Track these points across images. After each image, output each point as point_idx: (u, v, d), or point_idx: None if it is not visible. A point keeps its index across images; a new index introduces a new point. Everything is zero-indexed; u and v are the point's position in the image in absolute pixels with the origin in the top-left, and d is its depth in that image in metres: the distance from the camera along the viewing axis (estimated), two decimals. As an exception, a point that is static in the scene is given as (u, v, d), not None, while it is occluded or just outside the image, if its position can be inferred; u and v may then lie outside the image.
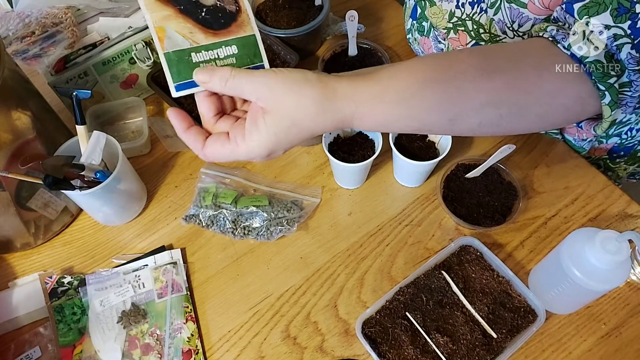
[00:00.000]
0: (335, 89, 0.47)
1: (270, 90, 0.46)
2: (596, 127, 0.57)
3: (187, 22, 0.49)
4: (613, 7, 0.48)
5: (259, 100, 0.47)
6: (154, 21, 0.48)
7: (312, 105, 0.47)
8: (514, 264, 0.72)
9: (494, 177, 0.77)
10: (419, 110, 0.49)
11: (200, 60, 0.49)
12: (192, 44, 0.49)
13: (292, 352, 0.67)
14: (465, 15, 0.73)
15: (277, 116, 0.47)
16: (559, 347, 0.65)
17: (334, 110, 0.48)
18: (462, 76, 0.49)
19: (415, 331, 0.65)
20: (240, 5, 0.51)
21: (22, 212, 0.72)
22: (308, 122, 0.47)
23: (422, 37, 0.85)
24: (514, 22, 0.64)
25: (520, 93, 0.50)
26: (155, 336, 0.67)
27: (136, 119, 0.90)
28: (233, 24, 0.50)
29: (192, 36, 0.49)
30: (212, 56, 0.49)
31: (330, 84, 0.47)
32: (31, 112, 0.70)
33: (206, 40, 0.49)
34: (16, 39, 0.80)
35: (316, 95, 0.47)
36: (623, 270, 0.56)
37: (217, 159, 0.50)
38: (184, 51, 0.48)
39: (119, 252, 0.76)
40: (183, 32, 0.48)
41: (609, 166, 0.86)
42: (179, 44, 0.48)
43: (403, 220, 0.77)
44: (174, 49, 0.48)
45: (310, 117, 0.47)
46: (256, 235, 0.75)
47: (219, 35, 0.50)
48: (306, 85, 0.47)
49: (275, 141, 0.48)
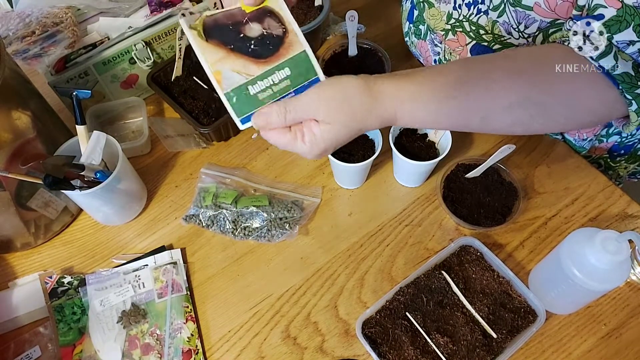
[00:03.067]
0: (381, 92, 0.52)
1: (326, 108, 0.51)
2: (624, 126, 0.59)
3: (239, 59, 0.51)
4: (636, 24, 0.49)
5: (318, 118, 0.52)
6: (210, 65, 0.51)
7: (363, 111, 0.52)
8: (514, 265, 0.72)
9: (494, 177, 0.77)
10: (452, 110, 0.53)
11: (257, 91, 0.52)
12: (247, 77, 0.52)
13: (292, 352, 0.67)
14: (462, 16, 0.73)
15: (334, 127, 0.52)
16: (559, 348, 0.65)
17: (382, 110, 0.52)
18: (490, 77, 0.53)
19: (415, 331, 0.65)
20: (286, 27, 0.52)
21: (22, 211, 0.72)
22: (358, 124, 0.53)
23: (419, 40, 0.85)
24: (520, 23, 0.65)
25: (545, 94, 0.53)
26: (155, 336, 0.67)
27: (136, 119, 0.90)
28: (281, 47, 0.52)
29: (246, 70, 0.51)
30: (268, 84, 0.52)
31: (376, 87, 0.52)
32: (31, 112, 0.70)
33: (259, 70, 0.52)
34: (16, 38, 0.80)
35: (365, 100, 0.52)
36: (623, 270, 0.56)
37: (275, 142, 0.55)
38: (241, 87, 0.52)
39: (119, 252, 0.76)
40: (237, 68, 0.51)
41: (610, 165, 0.86)
42: (235, 81, 0.51)
43: (403, 220, 0.77)
44: (232, 87, 0.52)
45: (361, 120, 0.52)
46: (257, 237, 0.75)
47: (270, 62, 0.52)
48: (355, 92, 0.52)
49: (329, 145, 0.53)
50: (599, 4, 0.52)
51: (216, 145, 0.87)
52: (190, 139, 0.87)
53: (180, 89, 0.88)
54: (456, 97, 0.53)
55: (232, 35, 0.51)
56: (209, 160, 0.85)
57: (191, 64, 0.90)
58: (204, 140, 0.87)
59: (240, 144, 0.87)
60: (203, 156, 0.86)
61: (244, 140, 0.87)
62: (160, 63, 0.89)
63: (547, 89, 0.53)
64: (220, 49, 0.51)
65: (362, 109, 0.52)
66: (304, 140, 0.53)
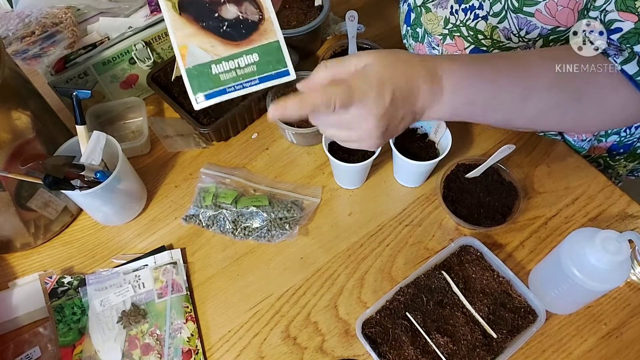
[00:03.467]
0: (425, 54, 0.53)
1: (377, 52, 0.51)
2: None
3: (209, 38, 0.51)
4: None
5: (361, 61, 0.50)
6: (177, 39, 0.50)
7: (417, 65, 0.51)
8: (514, 264, 0.72)
9: (494, 177, 0.77)
10: (493, 74, 0.53)
11: (220, 72, 0.51)
12: (213, 57, 0.51)
13: (292, 352, 0.67)
14: (459, 21, 0.73)
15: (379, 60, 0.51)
16: (560, 348, 0.65)
17: (431, 65, 0.52)
18: (528, 57, 0.56)
19: (415, 331, 0.65)
20: (263, 14, 0.52)
21: (22, 212, 0.72)
22: (405, 65, 0.51)
23: (417, 43, 0.86)
24: (521, 29, 0.65)
25: (578, 80, 0.54)
26: (155, 336, 0.67)
27: (136, 119, 0.90)
28: (255, 32, 0.52)
29: (214, 49, 0.51)
30: (233, 66, 0.51)
31: (420, 56, 0.53)
32: (31, 112, 0.70)
33: (227, 52, 0.51)
34: (16, 39, 0.80)
35: (414, 57, 0.52)
36: (623, 270, 0.56)
37: (314, 102, 0.49)
38: (205, 65, 0.51)
39: (119, 252, 0.76)
40: (204, 46, 0.51)
41: (609, 164, 0.86)
42: (200, 58, 0.51)
43: (403, 220, 0.77)
44: (194, 64, 0.50)
45: (408, 61, 0.51)
46: (257, 237, 0.75)
47: (240, 46, 0.51)
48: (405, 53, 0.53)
49: (379, 78, 0.50)
50: (614, 19, 0.52)
51: (216, 145, 0.87)
52: (190, 139, 0.87)
53: (180, 89, 0.88)
54: (495, 64, 0.54)
55: (207, 13, 0.51)
56: (209, 160, 0.85)
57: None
58: (204, 140, 0.87)
59: (240, 144, 0.87)
60: (203, 156, 0.86)
61: (243, 140, 0.87)
62: (160, 63, 0.89)
63: (578, 76, 0.53)
64: (192, 24, 0.51)
65: (413, 61, 0.52)
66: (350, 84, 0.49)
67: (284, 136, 0.87)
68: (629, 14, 0.51)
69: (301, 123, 0.83)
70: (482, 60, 0.54)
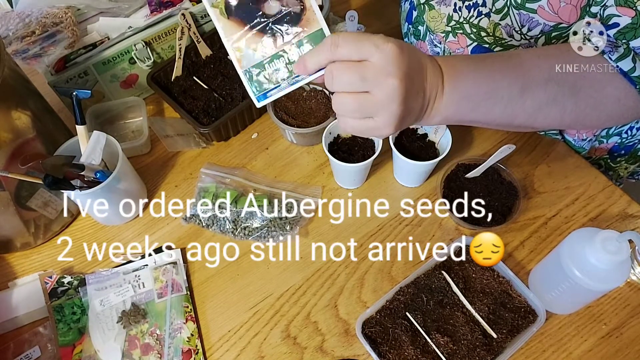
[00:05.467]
0: (429, 56, 0.52)
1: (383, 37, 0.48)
2: None
3: (258, 37, 0.52)
4: None
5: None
6: (231, 43, 0.52)
7: (429, 60, 0.51)
8: (514, 264, 0.72)
9: (494, 177, 0.77)
10: (491, 71, 0.54)
11: (273, 70, 0.53)
12: (264, 55, 0.52)
13: (292, 352, 0.67)
14: (462, 19, 0.73)
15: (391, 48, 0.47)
16: (560, 348, 0.65)
17: (431, 58, 0.52)
18: (522, 55, 0.56)
19: (415, 331, 0.65)
20: (304, 3, 0.52)
21: (22, 211, 0.72)
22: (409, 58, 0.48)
23: (418, 41, 0.86)
24: (523, 26, 0.65)
25: (574, 76, 0.54)
26: (155, 336, 0.67)
27: (136, 119, 0.90)
28: (299, 24, 0.52)
29: (264, 49, 0.52)
30: (284, 62, 0.53)
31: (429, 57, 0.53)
32: (31, 112, 0.70)
33: (276, 49, 0.52)
34: (16, 38, 0.80)
35: (421, 55, 0.51)
36: (623, 270, 0.56)
37: (338, 74, 0.48)
38: (258, 65, 0.52)
39: (119, 252, 0.76)
40: (255, 47, 0.52)
41: (610, 166, 0.86)
42: (253, 59, 0.52)
43: (403, 220, 0.77)
44: (250, 66, 0.53)
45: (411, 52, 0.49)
46: (257, 237, 0.75)
47: (288, 41, 0.52)
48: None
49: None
50: (612, 13, 0.52)
51: (216, 145, 0.87)
52: (190, 139, 0.87)
53: (180, 88, 0.88)
54: (494, 62, 0.55)
55: (252, 13, 0.52)
56: (209, 160, 0.85)
57: (191, 64, 0.90)
58: (204, 140, 0.87)
59: (240, 143, 0.87)
60: (203, 156, 0.86)
61: (243, 140, 0.87)
62: (160, 63, 0.89)
63: (573, 72, 0.54)
64: (240, 26, 0.52)
65: (422, 59, 0.51)
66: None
67: (284, 136, 0.87)
68: (627, 9, 0.51)
69: (301, 123, 0.83)
70: (478, 59, 0.55)
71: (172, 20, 0.88)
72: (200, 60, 0.91)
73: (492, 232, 0.72)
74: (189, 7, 0.89)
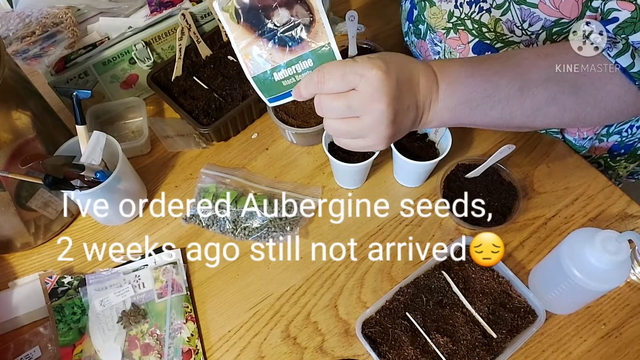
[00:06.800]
0: (423, 62, 0.53)
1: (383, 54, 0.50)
2: None
3: (265, 45, 0.52)
4: None
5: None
6: (240, 48, 0.52)
7: (422, 69, 0.52)
8: (514, 264, 0.72)
9: (494, 177, 0.77)
10: (489, 74, 0.54)
11: (281, 78, 0.53)
12: (272, 64, 0.53)
13: (292, 352, 0.67)
14: (464, 14, 0.73)
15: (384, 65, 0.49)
16: (559, 348, 0.65)
17: (426, 65, 0.53)
18: (520, 54, 0.56)
19: (415, 331, 0.65)
20: (314, 15, 0.52)
21: (22, 211, 0.72)
22: (402, 69, 0.50)
23: (419, 40, 0.86)
24: (524, 21, 0.65)
25: (574, 74, 0.54)
26: (155, 336, 0.67)
27: (136, 119, 0.90)
28: (307, 36, 0.52)
29: (271, 57, 0.52)
30: (292, 72, 0.53)
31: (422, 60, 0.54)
32: (31, 112, 0.70)
33: (284, 59, 0.52)
34: (16, 39, 0.80)
35: (413, 61, 0.53)
36: (623, 270, 0.56)
37: (329, 106, 0.51)
38: (266, 73, 0.53)
39: (119, 252, 0.76)
40: (263, 54, 0.52)
41: (610, 165, 0.86)
42: (261, 66, 0.53)
43: (403, 220, 0.77)
44: (258, 72, 0.53)
45: (405, 65, 0.51)
46: (257, 237, 0.75)
47: (295, 52, 0.52)
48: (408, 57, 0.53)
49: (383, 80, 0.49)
50: (612, 8, 0.53)
51: (216, 145, 0.87)
52: (190, 139, 0.87)
53: (180, 89, 0.88)
54: (491, 64, 0.54)
55: (261, 20, 0.52)
56: (209, 160, 0.85)
57: (191, 64, 0.90)
58: (204, 140, 0.87)
59: (240, 144, 0.87)
60: (203, 156, 0.86)
61: (243, 140, 0.87)
62: (160, 63, 0.89)
63: (573, 69, 0.54)
64: (250, 32, 0.52)
65: (419, 66, 0.52)
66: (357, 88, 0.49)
67: (284, 136, 0.87)
68: (626, 3, 0.51)
69: (301, 123, 0.83)
70: (475, 62, 0.55)
71: (172, 21, 0.88)
72: (200, 60, 0.91)
73: (492, 232, 0.72)
74: (189, 7, 0.89)
